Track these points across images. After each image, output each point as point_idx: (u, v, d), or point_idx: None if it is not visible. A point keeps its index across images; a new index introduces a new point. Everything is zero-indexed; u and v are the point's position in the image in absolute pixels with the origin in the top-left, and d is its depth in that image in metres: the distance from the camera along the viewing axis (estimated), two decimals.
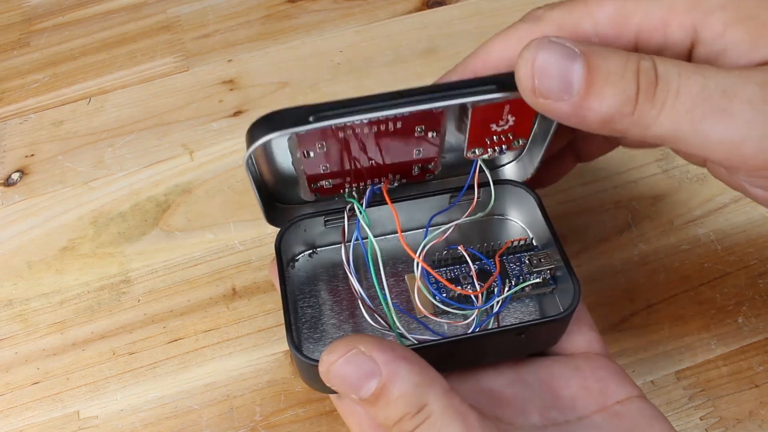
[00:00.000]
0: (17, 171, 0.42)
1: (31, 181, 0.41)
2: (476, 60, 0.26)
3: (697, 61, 0.23)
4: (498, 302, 0.28)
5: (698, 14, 0.23)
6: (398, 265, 0.30)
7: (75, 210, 0.40)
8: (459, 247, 0.29)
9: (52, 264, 0.38)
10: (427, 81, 0.43)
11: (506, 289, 0.28)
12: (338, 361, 0.22)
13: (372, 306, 0.27)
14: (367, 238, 0.27)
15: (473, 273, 0.29)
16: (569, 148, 0.32)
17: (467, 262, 0.29)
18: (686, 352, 0.33)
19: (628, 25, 0.23)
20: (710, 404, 0.32)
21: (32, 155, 0.42)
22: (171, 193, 0.40)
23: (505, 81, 0.24)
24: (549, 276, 0.29)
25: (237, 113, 0.43)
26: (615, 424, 0.25)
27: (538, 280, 0.28)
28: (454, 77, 0.27)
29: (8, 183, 0.41)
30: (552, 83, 0.21)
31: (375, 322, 0.27)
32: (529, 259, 0.29)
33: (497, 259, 0.29)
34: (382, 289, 0.26)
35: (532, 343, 0.27)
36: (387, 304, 0.26)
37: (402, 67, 0.44)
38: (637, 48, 0.24)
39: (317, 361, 0.23)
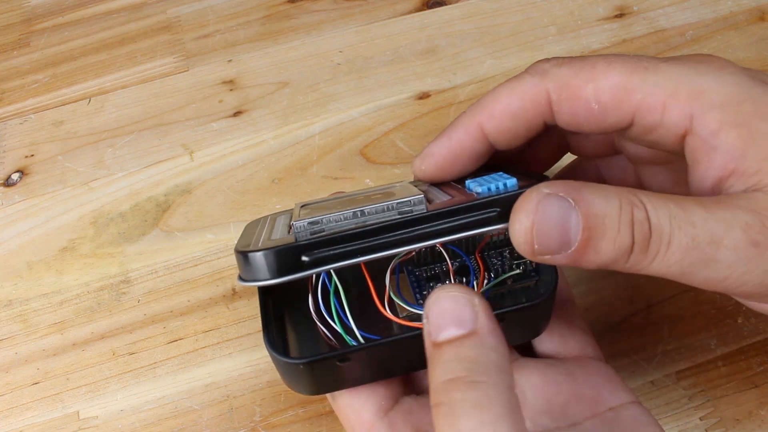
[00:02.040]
0: (17, 171, 0.42)
1: (31, 182, 0.41)
2: (482, 112, 0.27)
3: (690, 148, 0.24)
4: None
5: (697, 106, 0.23)
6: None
7: (75, 210, 0.40)
8: (437, 245, 0.27)
9: (52, 264, 0.38)
10: (427, 81, 0.44)
11: (485, 282, 0.28)
12: (448, 294, 0.22)
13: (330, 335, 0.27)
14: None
15: (451, 271, 0.28)
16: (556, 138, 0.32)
17: (446, 260, 0.28)
18: (686, 352, 0.33)
19: (629, 99, 0.24)
20: (710, 404, 0.32)
21: (32, 155, 0.42)
22: (171, 193, 0.40)
23: (508, 205, 0.23)
24: (531, 267, 0.28)
25: (237, 113, 0.43)
26: (606, 431, 0.25)
27: (518, 271, 0.28)
28: (460, 130, 0.27)
29: (8, 183, 0.41)
30: (551, 243, 0.22)
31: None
32: (510, 252, 0.28)
33: (477, 255, 0.28)
34: (346, 318, 0.26)
35: (515, 333, 0.26)
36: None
37: (402, 67, 0.44)
38: (633, 122, 0.25)
39: (292, 358, 0.24)
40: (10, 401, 0.34)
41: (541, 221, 0.22)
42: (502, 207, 0.23)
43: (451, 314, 0.21)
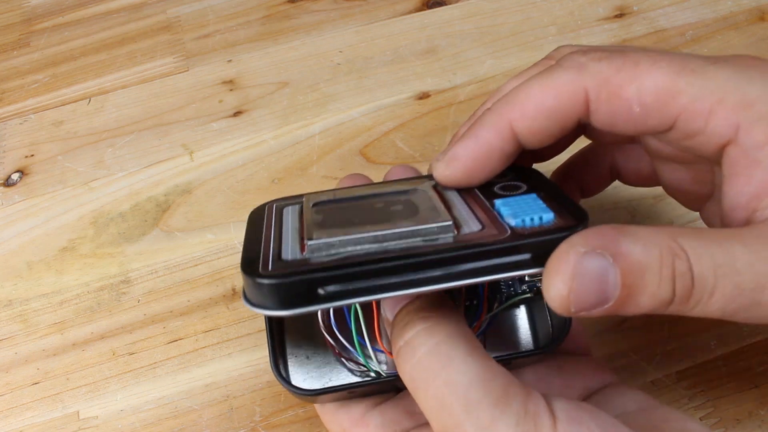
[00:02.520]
0: (17, 171, 0.42)
1: (31, 182, 0.41)
2: (513, 110, 0.25)
3: (730, 158, 0.23)
4: (486, 320, 0.26)
5: (745, 116, 0.22)
6: None
7: (75, 210, 0.40)
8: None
9: (52, 264, 0.38)
10: (427, 81, 0.44)
11: (496, 305, 0.27)
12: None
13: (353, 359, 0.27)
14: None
15: (462, 303, 0.27)
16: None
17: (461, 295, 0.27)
18: (686, 352, 0.33)
19: (674, 103, 0.23)
20: (710, 404, 0.32)
21: (32, 155, 0.42)
22: (171, 193, 0.40)
23: (543, 249, 0.21)
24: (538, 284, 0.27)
25: (237, 113, 0.43)
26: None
27: (528, 295, 0.27)
28: (488, 130, 0.25)
29: (8, 183, 0.41)
30: (588, 303, 0.21)
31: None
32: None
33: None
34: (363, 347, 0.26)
35: (521, 363, 0.27)
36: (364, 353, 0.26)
37: (402, 68, 0.44)
38: (674, 125, 0.23)
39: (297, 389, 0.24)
40: (10, 401, 0.34)
41: (579, 285, 0.20)
42: (539, 251, 0.21)
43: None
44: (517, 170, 0.26)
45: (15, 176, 0.41)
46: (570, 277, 0.20)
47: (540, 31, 0.45)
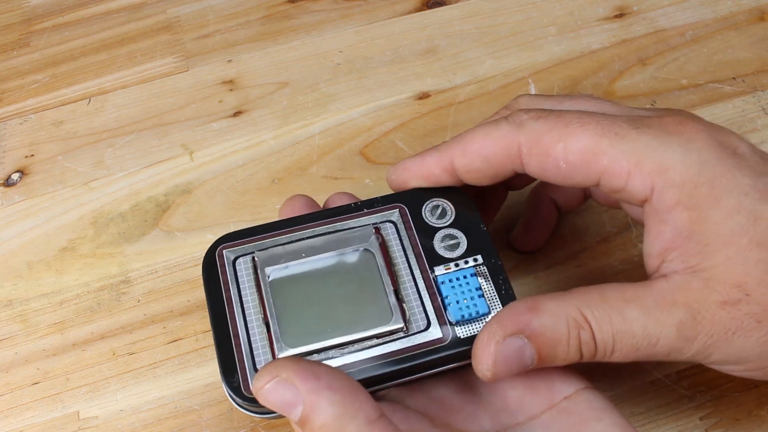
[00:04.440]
0: (17, 171, 0.42)
1: (30, 182, 0.41)
2: (457, 148, 0.28)
3: (646, 213, 0.26)
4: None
5: (658, 182, 0.25)
6: None
7: (75, 210, 0.40)
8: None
9: (52, 264, 0.38)
10: (427, 81, 0.44)
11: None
12: (264, 388, 0.23)
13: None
14: None
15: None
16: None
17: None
18: None
19: (596, 163, 0.26)
20: (710, 404, 0.32)
21: (32, 155, 0.42)
22: (171, 193, 0.40)
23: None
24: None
25: (237, 113, 0.43)
26: (564, 420, 0.26)
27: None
28: (433, 158, 0.29)
29: (8, 183, 0.41)
30: (510, 373, 0.25)
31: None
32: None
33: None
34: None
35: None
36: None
37: (402, 67, 0.44)
38: (599, 182, 0.26)
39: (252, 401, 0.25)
40: (10, 401, 0.34)
41: (501, 365, 0.25)
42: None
43: (280, 402, 0.22)
44: (452, 193, 0.30)
45: (15, 176, 0.41)
46: (492, 364, 0.25)
47: (540, 31, 0.45)
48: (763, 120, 0.41)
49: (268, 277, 0.28)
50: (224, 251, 0.28)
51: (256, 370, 0.26)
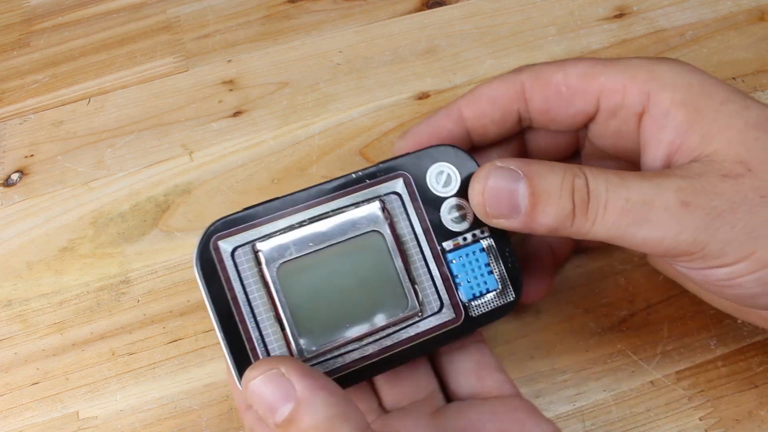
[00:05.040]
0: (17, 171, 0.42)
1: (30, 182, 0.41)
2: (463, 99, 0.30)
3: (644, 129, 0.27)
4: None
5: (652, 86, 0.26)
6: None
7: (75, 210, 0.40)
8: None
9: (52, 264, 0.38)
10: (427, 81, 0.44)
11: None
12: (257, 379, 0.22)
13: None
14: None
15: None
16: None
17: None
18: (686, 352, 0.33)
19: (594, 82, 0.27)
20: (710, 405, 0.32)
21: (32, 155, 0.42)
22: (171, 193, 0.40)
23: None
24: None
25: (237, 113, 0.43)
26: None
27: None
28: (440, 114, 0.30)
29: (8, 183, 0.41)
30: (502, 207, 0.25)
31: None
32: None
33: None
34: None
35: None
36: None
37: (402, 68, 0.44)
38: (598, 108, 0.28)
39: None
40: (9, 401, 0.34)
41: (492, 188, 0.25)
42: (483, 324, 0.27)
43: (270, 395, 0.22)
44: (453, 154, 0.29)
45: (15, 176, 0.41)
46: (483, 178, 0.25)
47: (540, 31, 0.45)
48: None
49: (275, 271, 0.26)
50: (219, 242, 0.26)
51: None
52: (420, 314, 0.27)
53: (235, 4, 0.49)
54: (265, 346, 0.25)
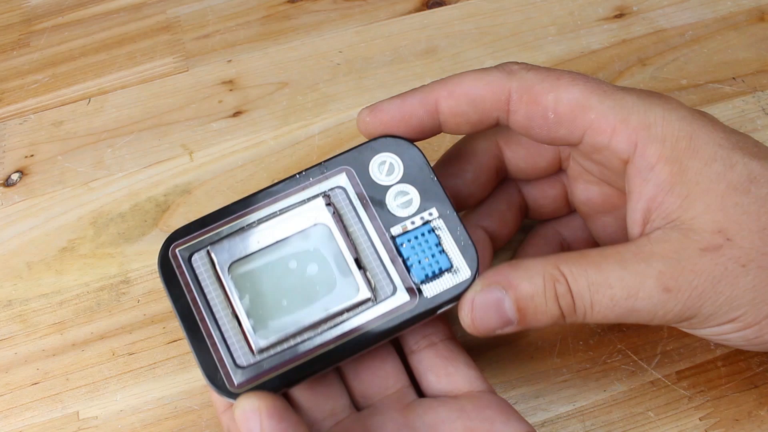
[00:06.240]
0: (17, 171, 0.42)
1: (30, 182, 0.41)
2: (443, 89, 0.28)
3: (629, 177, 0.26)
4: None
5: (641, 137, 0.25)
6: None
7: (75, 210, 0.40)
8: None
9: (52, 264, 0.38)
10: (427, 81, 0.43)
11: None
12: (238, 409, 0.24)
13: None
14: None
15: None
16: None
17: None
18: (686, 352, 0.33)
19: (583, 116, 0.26)
20: (710, 404, 0.32)
21: (32, 156, 0.42)
22: (171, 193, 0.40)
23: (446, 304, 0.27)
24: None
25: (237, 114, 0.43)
26: None
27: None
28: (416, 98, 0.28)
29: (8, 183, 0.41)
30: (490, 324, 0.25)
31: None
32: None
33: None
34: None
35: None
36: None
37: (402, 68, 0.44)
38: (582, 139, 0.26)
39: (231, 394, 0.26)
40: (9, 401, 0.34)
41: (479, 311, 0.25)
42: (442, 306, 0.27)
43: (243, 427, 0.24)
44: (396, 145, 0.29)
45: (15, 176, 0.41)
46: (470, 310, 0.26)
47: (540, 31, 0.45)
48: (763, 120, 0.41)
49: (228, 270, 0.27)
50: (177, 250, 0.28)
51: (236, 365, 0.26)
52: (373, 299, 0.27)
53: (235, 4, 0.49)
54: (225, 343, 0.26)
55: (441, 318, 0.30)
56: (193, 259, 0.28)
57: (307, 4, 0.48)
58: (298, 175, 0.29)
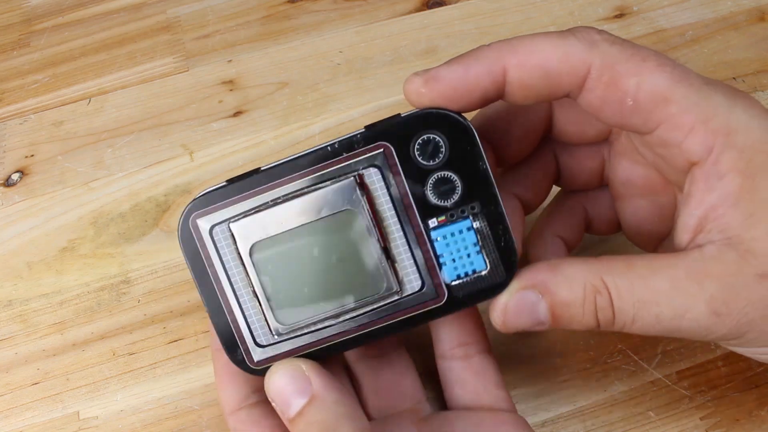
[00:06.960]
0: (17, 171, 0.42)
1: (30, 182, 0.41)
2: (514, 56, 0.24)
3: (692, 179, 0.24)
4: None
5: (719, 142, 0.23)
6: None
7: (75, 210, 0.40)
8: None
9: (52, 264, 0.38)
10: None
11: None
12: (278, 373, 0.24)
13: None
14: None
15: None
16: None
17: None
18: (686, 352, 0.33)
19: (664, 109, 0.23)
20: (710, 404, 0.32)
21: (32, 156, 0.42)
22: (171, 193, 0.40)
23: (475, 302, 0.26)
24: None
25: (237, 113, 0.43)
26: None
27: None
28: (482, 65, 0.24)
29: (8, 183, 0.41)
30: (523, 323, 0.24)
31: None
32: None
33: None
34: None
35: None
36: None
37: (402, 68, 0.44)
38: (654, 133, 0.24)
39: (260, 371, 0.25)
40: (10, 401, 0.34)
41: (511, 314, 0.24)
42: (470, 303, 0.26)
43: (289, 389, 0.23)
44: (445, 120, 0.25)
45: (15, 176, 0.41)
46: (503, 311, 0.24)
47: (540, 31, 0.45)
48: None
49: (250, 250, 0.26)
50: (198, 220, 0.26)
51: (256, 344, 0.26)
52: (399, 293, 0.26)
53: (235, 4, 0.49)
54: (246, 320, 0.26)
55: (481, 327, 0.30)
56: (214, 231, 0.26)
57: (307, 4, 0.48)
58: (329, 147, 0.25)
